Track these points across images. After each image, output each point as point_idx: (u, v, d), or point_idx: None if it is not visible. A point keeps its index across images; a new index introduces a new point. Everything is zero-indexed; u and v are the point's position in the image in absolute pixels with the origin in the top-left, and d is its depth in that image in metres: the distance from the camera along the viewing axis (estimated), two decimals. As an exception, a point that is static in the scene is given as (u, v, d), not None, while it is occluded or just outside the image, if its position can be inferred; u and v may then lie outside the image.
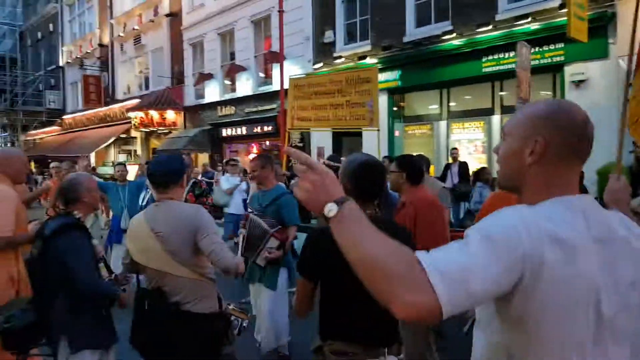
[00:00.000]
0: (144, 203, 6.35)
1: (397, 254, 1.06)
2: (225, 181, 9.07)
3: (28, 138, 31.45)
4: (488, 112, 11.12)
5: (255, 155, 14.56)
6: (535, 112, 1.25)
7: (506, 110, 10.75)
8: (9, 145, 31.43)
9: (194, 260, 2.79)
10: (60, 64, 29.03)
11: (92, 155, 23.35)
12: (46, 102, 29.34)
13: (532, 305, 1.09)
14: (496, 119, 10.92)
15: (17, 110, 29.31)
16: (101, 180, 7.86)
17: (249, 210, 4.66)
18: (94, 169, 10.30)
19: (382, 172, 2.33)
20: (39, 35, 31.72)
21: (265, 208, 4.40)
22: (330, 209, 1.13)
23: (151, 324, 2.76)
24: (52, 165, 8.82)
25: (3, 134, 32.93)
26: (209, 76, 18.46)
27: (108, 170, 19.49)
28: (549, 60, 9.47)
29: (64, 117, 28.48)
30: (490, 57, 10.38)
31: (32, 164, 22.74)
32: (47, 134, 30.20)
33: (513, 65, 9.88)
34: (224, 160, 13.12)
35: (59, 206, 3.13)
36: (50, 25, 30.12)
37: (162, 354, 2.79)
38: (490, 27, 10.20)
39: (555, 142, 1.21)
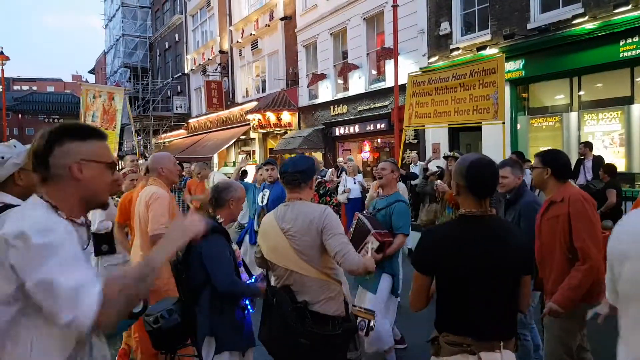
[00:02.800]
0: (264, 203, 6.28)
1: None
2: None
3: (158, 141, 33.96)
4: (627, 101, 10.03)
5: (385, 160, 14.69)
6: None
7: (648, 97, 9.66)
8: (142, 148, 34.23)
9: (321, 260, 2.81)
10: (185, 71, 30.82)
11: (215, 156, 24.70)
12: (173, 107, 31.44)
13: None
14: (637, 107, 9.82)
15: (149, 115, 31.64)
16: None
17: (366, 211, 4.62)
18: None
19: (494, 170, 2.30)
20: (166, 45, 34.05)
21: (377, 212, 4.36)
22: None
23: (278, 322, 2.80)
24: (192, 167, 9.41)
25: (137, 138, 35.90)
26: (322, 76, 18.69)
27: (229, 169, 20.49)
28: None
29: (190, 120, 30.39)
30: (629, 40, 9.33)
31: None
32: (174, 137, 32.50)
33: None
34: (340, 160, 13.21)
35: (208, 208, 3.22)
36: (176, 35, 32.24)
37: (288, 353, 2.81)
38: (629, 6, 9.17)
39: None
